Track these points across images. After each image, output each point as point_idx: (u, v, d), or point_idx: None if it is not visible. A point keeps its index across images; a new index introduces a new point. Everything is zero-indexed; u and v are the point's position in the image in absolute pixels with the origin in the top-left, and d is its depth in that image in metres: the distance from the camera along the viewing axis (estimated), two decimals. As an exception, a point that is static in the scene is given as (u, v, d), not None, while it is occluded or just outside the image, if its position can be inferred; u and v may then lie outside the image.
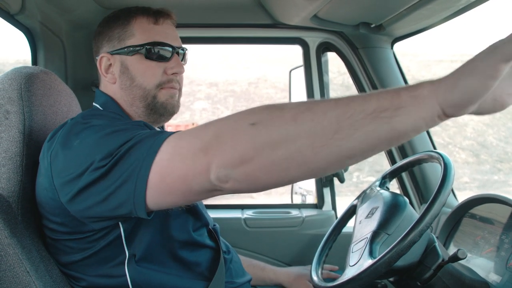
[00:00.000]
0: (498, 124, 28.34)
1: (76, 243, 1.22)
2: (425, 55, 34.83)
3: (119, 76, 1.39)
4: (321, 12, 1.83)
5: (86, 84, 2.05)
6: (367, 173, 16.40)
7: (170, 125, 15.74)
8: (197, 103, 27.07)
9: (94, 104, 1.42)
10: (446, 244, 1.84)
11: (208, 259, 1.41)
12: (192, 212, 1.39)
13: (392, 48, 2.16)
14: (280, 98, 20.73)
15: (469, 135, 27.03)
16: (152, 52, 1.37)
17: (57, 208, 1.17)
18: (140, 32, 1.38)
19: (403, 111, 0.82)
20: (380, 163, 16.22)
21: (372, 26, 1.97)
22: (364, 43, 2.14)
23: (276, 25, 2.13)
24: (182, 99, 1.46)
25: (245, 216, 2.21)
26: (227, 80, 30.07)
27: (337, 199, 2.34)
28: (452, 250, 1.64)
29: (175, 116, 1.45)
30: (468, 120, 27.99)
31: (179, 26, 1.50)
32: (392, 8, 1.76)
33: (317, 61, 2.23)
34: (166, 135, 1.02)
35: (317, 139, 0.85)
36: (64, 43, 1.97)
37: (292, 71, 2.44)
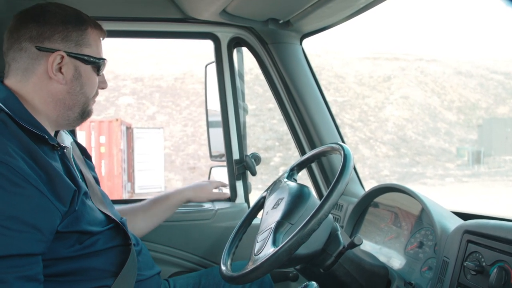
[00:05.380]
0: (417, 119, 29.59)
1: None
2: (348, 52, 35.81)
3: (71, 80, 1.39)
4: (230, 7, 1.86)
5: None
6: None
7: (93, 121, 15.30)
8: (122, 99, 26.44)
9: None
10: (353, 233, 1.92)
11: (114, 258, 1.42)
12: (82, 231, 1.35)
13: (301, 44, 2.23)
14: (207, 93, 20.94)
15: (390, 129, 28.03)
16: (101, 67, 1.46)
17: None
18: (95, 45, 1.44)
19: None
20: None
21: (280, 22, 2.02)
22: (273, 38, 2.19)
23: (187, 19, 2.12)
24: (106, 94, 1.57)
25: None
26: (153, 75, 29.59)
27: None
28: None
29: (99, 112, 1.49)
30: (389, 116, 29.06)
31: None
32: (298, 5, 1.82)
33: (229, 56, 2.24)
34: None
35: None
36: None
37: (208, 66, 2.44)
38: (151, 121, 25.15)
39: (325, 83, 30.26)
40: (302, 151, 2.29)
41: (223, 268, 1.48)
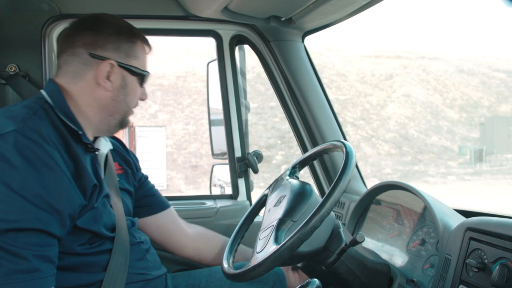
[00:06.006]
0: (419, 117, 29.54)
1: None
2: (350, 50, 35.75)
3: (117, 89, 1.46)
4: (231, 4, 1.86)
5: None
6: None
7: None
8: (124, 97, 26.39)
9: (41, 91, 1.41)
10: (355, 230, 1.91)
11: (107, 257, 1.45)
12: (96, 232, 1.40)
13: (303, 41, 2.22)
14: (209, 92, 20.82)
15: (392, 127, 27.99)
16: (145, 79, 1.53)
17: None
18: (142, 58, 1.52)
19: None
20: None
21: (282, 19, 2.02)
22: (275, 36, 2.19)
23: (189, 17, 2.12)
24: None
25: None
26: (155, 73, 29.57)
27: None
28: None
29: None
30: (391, 114, 29.01)
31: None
32: (300, 2, 1.82)
33: (231, 54, 2.24)
34: None
35: None
36: None
37: (210, 64, 2.44)
38: (153, 120, 25.16)
39: (327, 81, 30.20)
40: (304, 149, 2.28)
41: (225, 265, 1.49)
